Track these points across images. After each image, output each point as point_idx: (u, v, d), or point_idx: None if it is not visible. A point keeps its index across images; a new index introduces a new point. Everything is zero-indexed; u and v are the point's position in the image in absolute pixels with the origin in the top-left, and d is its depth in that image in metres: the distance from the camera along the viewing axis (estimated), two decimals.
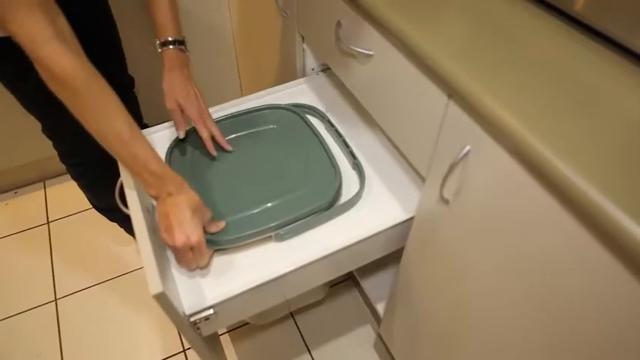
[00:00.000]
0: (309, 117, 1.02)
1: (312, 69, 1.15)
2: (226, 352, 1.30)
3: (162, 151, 0.94)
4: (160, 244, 0.79)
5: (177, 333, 1.37)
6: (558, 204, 0.48)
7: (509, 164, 0.54)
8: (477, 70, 0.57)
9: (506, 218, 0.57)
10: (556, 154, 0.46)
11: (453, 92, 0.60)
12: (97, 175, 1.16)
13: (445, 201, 0.69)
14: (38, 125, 1.07)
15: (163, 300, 0.61)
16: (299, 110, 1.01)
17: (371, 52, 0.78)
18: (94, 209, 1.34)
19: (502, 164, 0.55)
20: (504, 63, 0.58)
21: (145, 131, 1.01)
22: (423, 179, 0.76)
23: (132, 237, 1.49)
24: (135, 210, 0.72)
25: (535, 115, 0.50)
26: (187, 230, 0.72)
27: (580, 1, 0.60)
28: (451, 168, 0.63)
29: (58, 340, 1.36)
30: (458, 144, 0.62)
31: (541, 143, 0.47)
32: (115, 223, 1.40)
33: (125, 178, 0.78)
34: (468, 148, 0.60)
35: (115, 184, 0.88)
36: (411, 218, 0.83)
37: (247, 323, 1.35)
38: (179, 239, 0.71)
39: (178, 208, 0.72)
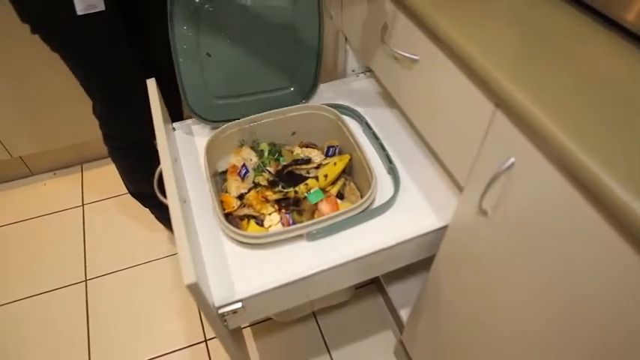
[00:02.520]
0: (347, 118, 1.01)
1: (353, 70, 1.14)
2: (247, 345, 1.31)
3: (200, 145, 0.95)
4: (195, 235, 0.80)
5: (199, 323, 1.38)
6: (608, 224, 0.47)
7: (557, 180, 0.52)
8: (527, 81, 0.55)
9: (548, 235, 0.56)
10: (610, 173, 0.44)
11: (501, 102, 0.59)
12: (138, 160, 1.20)
13: (483, 212, 0.68)
14: (81, 109, 1.09)
15: (196, 290, 0.62)
16: (337, 110, 1.01)
17: (416, 57, 0.77)
18: (128, 195, 1.37)
19: (549, 179, 0.53)
20: (556, 74, 0.56)
21: (183, 123, 1.03)
22: (460, 188, 0.74)
23: (162, 224, 1.52)
24: (172, 199, 0.72)
25: (588, 131, 0.48)
26: None
27: (634, 12, 0.58)
28: (493, 179, 0.62)
29: (85, 318, 1.40)
30: (502, 155, 0.60)
31: (594, 161, 0.45)
32: (148, 210, 1.42)
33: (165, 167, 0.79)
34: (512, 160, 0.59)
35: (154, 172, 0.90)
36: (445, 227, 0.82)
37: (270, 319, 1.35)
38: None
39: None
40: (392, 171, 0.92)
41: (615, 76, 0.56)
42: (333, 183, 0.95)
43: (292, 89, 1.03)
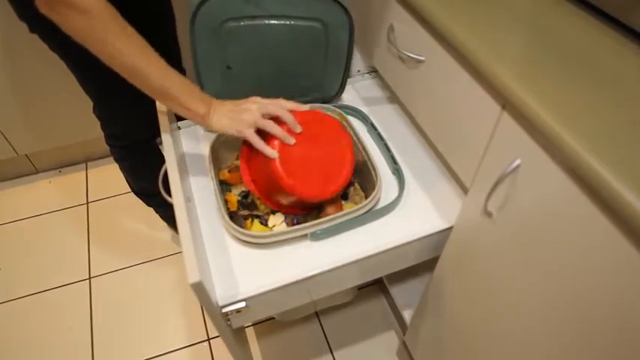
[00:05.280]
0: (352, 118, 1.01)
1: (358, 70, 1.14)
2: (250, 344, 1.31)
3: (204, 143, 0.95)
4: (199, 234, 0.80)
5: (202, 322, 1.39)
6: (614, 226, 0.46)
7: (563, 182, 0.52)
8: (534, 82, 0.55)
9: (554, 237, 0.56)
10: (617, 175, 0.44)
11: (508, 103, 0.59)
12: (140, 159, 1.20)
13: (488, 214, 0.68)
14: (86, 107, 1.10)
15: (200, 289, 0.62)
16: (342, 111, 1.01)
17: (422, 58, 0.77)
18: (132, 193, 1.38)
19: (555, 181, 0.53)
20: (563, 76, 0.56)
21: (188, 122, 1.03)
22: (465, 190, 0.74)
23: (166, 223, 1.52)
24: (177, 198, 0.73)
25: (597, 134, 0.48)
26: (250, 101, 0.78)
27: None
28: (498, 181, 0.62)
29: (89, 316, 1.40)
30: (508, 157, 0.60)
31: (600, 163, 0.45)
32: (151, 209, 1.43)
33: (170, 166, 0.79)
34: (518, 162, 0.59)
35: (157, 171, 0.90)
36: (449, 228, 0.81)
37: (272, 318, 1.36)
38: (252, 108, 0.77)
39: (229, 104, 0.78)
40: (397, 172, 0.92)
41: (624, 77, 0.55)
42: None
43: (315, 96, 1.02)
